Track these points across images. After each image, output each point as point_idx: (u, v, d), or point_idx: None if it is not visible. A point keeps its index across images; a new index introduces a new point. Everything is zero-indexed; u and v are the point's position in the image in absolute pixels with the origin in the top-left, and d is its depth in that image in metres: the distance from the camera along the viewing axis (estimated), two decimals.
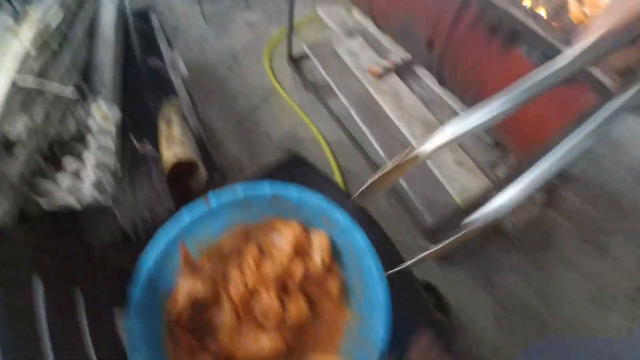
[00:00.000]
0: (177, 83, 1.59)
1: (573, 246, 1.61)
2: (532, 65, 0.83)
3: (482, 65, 0.95)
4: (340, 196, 0.98)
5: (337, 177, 1.68)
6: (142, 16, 1.95)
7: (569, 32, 0.74)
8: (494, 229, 1.49)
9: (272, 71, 2.10)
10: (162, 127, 1.37)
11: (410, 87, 1.77)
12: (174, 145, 1.21)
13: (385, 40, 1.90)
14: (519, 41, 0.82)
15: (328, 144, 1.79)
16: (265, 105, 1.92)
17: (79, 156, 0.97)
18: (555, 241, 1.62)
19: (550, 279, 1.50)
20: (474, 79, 1.01)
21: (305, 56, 1.97)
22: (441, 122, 1.65)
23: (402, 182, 1.51)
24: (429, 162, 1.56)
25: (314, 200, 0.65)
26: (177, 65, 1.63)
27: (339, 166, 1.73)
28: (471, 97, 1.16)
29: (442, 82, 1.33)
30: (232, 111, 1.89)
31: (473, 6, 0.86)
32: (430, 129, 1.63)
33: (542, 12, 0.93)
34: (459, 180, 1.49)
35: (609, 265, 1.57)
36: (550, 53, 0.74)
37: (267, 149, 1.76)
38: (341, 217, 0.64)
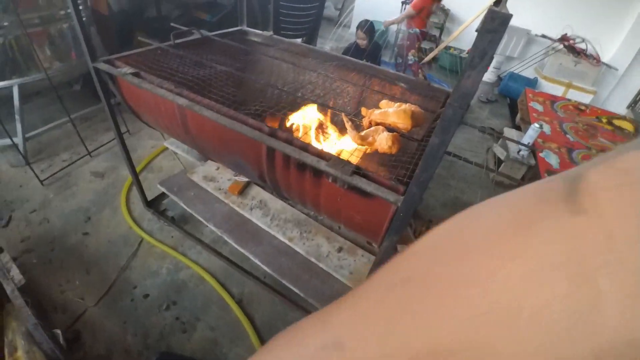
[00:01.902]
0: (11, 291, 1.34)
1: None
2: (338, 187, 0.93)
3: (305, 188, 1.05)
4: None
5: (233, 307, 1.59)
6: None
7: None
8: None
9: (134, 219, 1.97)
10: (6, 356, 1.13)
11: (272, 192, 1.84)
12: None
13: None
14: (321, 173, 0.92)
15: (213, 276, 1.70)
16: (135, 262, 1.78)
17: None
18: None
19: None
20: (303, 197, 1.11)
21: (164, 193, 1.91)
22: (314, 218, 1.73)
23: (291, 286, 1.50)
24: (312, 258, 1.59)
25: None
26: (9, 269, 1.39)
27: (231, 295, 1.64)
28: (310, 207, 1.25)
29: (282, 198, 1.41)
30: (98, 282, 1.71)
31: (277, 155, 0.95)
32: (305, 228, 1.70)
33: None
34: (345, 265, 1.54)
35: None
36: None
37: (149, 311, 1.59)
38: None
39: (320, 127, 1.27)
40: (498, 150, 2.74)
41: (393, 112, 0.98)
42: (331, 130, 1.38)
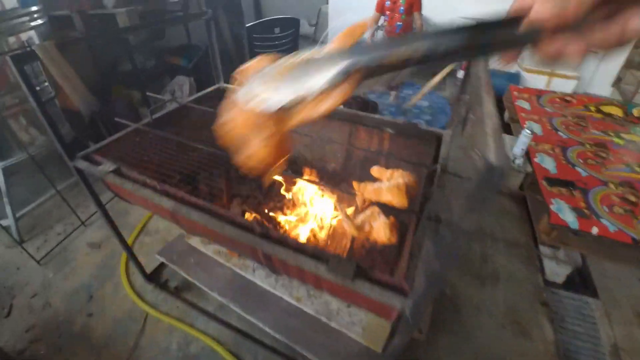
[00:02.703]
0: None
1: (475, 295, 1.83)
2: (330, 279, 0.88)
3: (307, 279, 1.00)
4: None
5: None
6: None
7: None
8: None
9: (136, 291, 1.92)
10: None
11: None
12: None
13: None
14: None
15: (224, 347, 1.65)
16: (143, 340, 1.72)
17: None
18: (460, 301, 1.81)
19: (478, 339, 1.67)
20: (306, 284, 1.06)
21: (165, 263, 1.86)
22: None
23: (304, 352, 1.45)
24: (322, 317, 1.54)
25: None
26: None
27: None
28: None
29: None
30: None
31: (264, 249, 0.91)
32: (309, 287, 1.64)
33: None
34: (357, 321, 1.49)
35: (508, 287, 1.83)
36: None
37: None
38: None
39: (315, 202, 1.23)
40: None
41: (387, 189, 0.93)
42: (326, 201, 1.34)
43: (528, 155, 2.54)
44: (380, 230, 0.84)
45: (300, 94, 0.49)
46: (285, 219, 1.36)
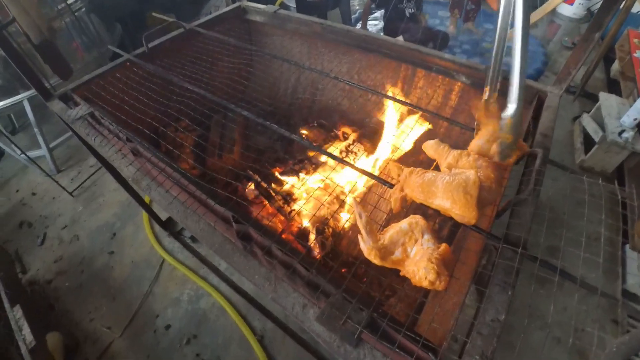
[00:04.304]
0: (24, 352, 1.25)
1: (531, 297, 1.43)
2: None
3: None
4: None
5: (255, 347, 1.39)
6: None
7: None
8: None
9: (155, 236, 1.81)
10: None
11: None
12: None
13: None
14: None
15: (234, 307, 1.51)
16: (157, 287, 1.66)
17: None
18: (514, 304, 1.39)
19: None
20: None
21: None
22: None
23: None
24: None
25: None
26: (21, 327, 1.29)
27: (252, 331, 1.46)
28: None
29: None
30: (123, 309, 1.63)
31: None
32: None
33: None
34: None
35: (571, 297, 1.44)
36: None
37: (172, 346, 1.49)
38: None
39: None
40: (589, 124, 2.04)
41: (445, 188, 0.55)
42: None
43: None
44: (421, 264, 0.48)
45: None
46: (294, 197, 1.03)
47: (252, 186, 1.11)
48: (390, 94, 1.09)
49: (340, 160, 0.72)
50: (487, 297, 0.49)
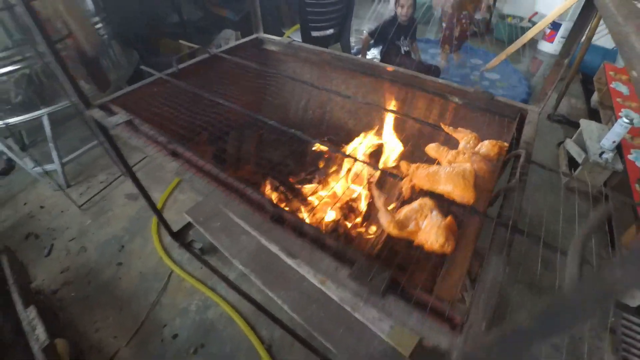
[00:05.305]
0: (36, 351, 1.28)
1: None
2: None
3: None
4: None
5: (261, 353, 1.43)
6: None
7: None
8: None
9: (164, 247, 1.88)
10: None
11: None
12: None
13: None
14: None
15: (242, 317, 1.56)
16: (165, 297, 1.70)
17: None
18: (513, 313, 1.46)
19: None
20: None
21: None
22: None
23: (322, 340, 1.29)
24: (347, 306, 1.35)
25: None
26: (34, 327, 1.33)
27: (260, 340, 1.50)
28: None
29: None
30: (130, 319, 1.66)
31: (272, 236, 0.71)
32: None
33: None
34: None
35: None
36: None
37: (178, 355, 1.52)
38: None
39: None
40: (572, 148, 2.23)
41: (447, 176, 0.68)
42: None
43: (620, 150, 2.05)
44: (432, 232, 0.60)
45: None
46: (311, 193, 1.15)
47: (271, 189, 1.23)
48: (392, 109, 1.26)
49: (355, 159, 0.86)
50: (486, 261, 0.60)
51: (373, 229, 1.19)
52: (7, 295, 1.50)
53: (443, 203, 0.68)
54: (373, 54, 3.74)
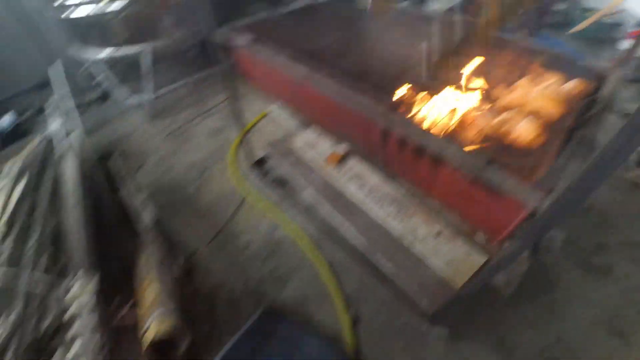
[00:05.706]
0: (146, 225, 1.60)
1: (577, 280, 1.62)
2: (460, 177, 0.83)
3: (420, 171, 0.97)
4: (321, 347, 0.98)
5: (324, 274, 1.64)
6: (106, 157, 2.01)
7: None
8: (488, 290, 1.40)
9: (240, 176, 2.15)
10: (140, 284, 1.35)
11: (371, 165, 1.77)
12: (153, 311, 1.18)
13: None
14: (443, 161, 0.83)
15: (308, 239, 1.77)
16: (239, 215, 1.94)
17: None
18: (559, 281, 1.61)
19: (565, 323, 1.48)
20: (415, 180, 1.04)
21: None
22: (413, 197, 1.62)
23: (384, 260, 1.46)
24: (406, 239, 1.51)
25: None
26: (145, 206, 1.65)
27: (324, 262, 1.70)
28: (421, 190, 1.18)
29: (391, 177, 1.35)
30: (209, 228, 1.93)
31: (393, 135, 0.90)
32: (402, 206, 1.60)
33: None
34: (441, 253, 1.43)
35: (617, 286, 1.59)
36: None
37: (250, 260, 1.77)
38: None
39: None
40: None
41: (539, 93, 0.82)
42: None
43: None
44: (525, 127, 0.75)
45: None
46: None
47: None
48: None
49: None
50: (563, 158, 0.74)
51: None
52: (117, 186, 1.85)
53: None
54: None
